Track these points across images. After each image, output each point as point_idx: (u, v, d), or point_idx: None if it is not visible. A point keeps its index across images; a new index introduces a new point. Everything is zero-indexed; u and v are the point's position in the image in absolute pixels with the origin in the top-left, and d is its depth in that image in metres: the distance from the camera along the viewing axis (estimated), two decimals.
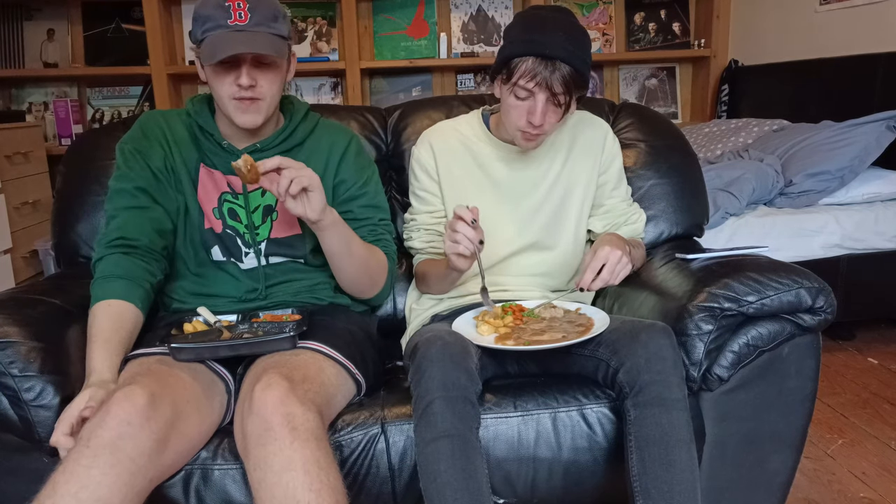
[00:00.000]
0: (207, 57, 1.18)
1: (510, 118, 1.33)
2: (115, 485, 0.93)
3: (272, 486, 0.95)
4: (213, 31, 1.19)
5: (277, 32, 1.22)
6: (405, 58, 3.45)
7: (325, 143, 1.38)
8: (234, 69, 1.20)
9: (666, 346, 1.14)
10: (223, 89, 1.23)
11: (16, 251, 2.71)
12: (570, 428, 1.19)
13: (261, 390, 1.00)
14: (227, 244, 1.33)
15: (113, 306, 1.17)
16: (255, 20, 1.19)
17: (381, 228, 1.41)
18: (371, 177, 1.42)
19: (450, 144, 1.47)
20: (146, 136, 1.33)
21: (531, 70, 1.24)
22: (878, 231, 2.34)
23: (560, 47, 1.23)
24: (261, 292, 1.33)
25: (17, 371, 1.11)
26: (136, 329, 1.19)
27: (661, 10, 3.61)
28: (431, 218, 1.48)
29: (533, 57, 1.24)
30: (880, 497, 1.61)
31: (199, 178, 1.33)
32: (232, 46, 1.16)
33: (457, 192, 1.45)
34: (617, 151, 1.51)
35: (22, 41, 3.30)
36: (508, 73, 1.28)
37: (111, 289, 1.18)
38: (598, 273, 1.25)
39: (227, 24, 1.18)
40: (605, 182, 1.49)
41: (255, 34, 1.18)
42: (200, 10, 1.21)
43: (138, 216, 1.26)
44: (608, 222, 1.50)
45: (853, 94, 2.64)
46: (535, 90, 1.26)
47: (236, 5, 1.18)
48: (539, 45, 1.23)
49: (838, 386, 2.19)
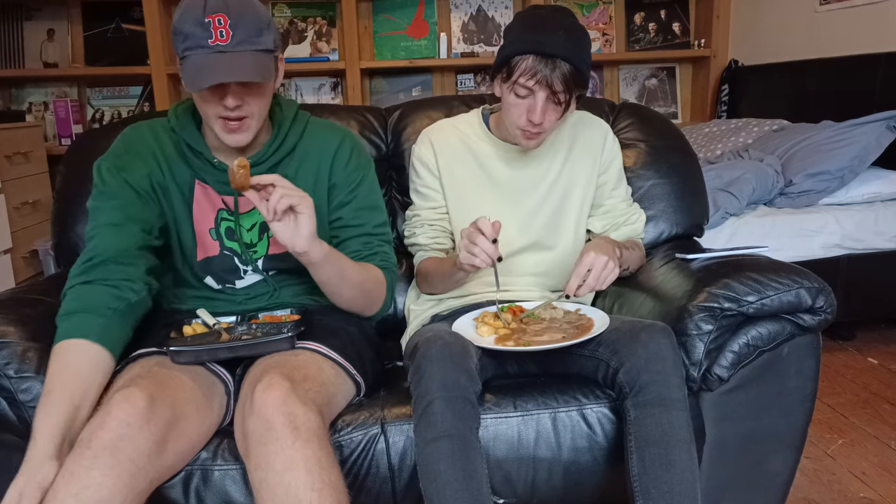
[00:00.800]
0: (189, 83, 1.10)
1: (510, 117, 1.33)
2: (116, 486, 0.93)
3: (274, 485, 0.95)
4: (194, 50, 1.10)
5: (263, 47, 1.13)
6: (405, 58, 3.45)
7: (315, 146, 1.33)
8: (219, 90, 1.13)
9: (666, 346, 1.14)
10: (209, 109, 1.16)
11: (16, 251, 2.71)
12: (569, 428, 1.19)
13: (262, 390, 1.00)
14: (223, 270, 1.30)
15: (60, 350, 1.08)
16: (237, 38, 1.10)
17: (376, 240, 1.35)
18: (365, 177, 1.36)
19: (450, 143, 1.47)
20: (127, 151, 1.26)
21: (531, 68, 1.24)
22: (878, 231, 2.34)
23: (560, 45, 1.23)
24: (270, 295, 1.32)
25: (12, 372, 1.11)
26: (92, 363, 1.08)
27: (661, 10, 3.61)
28: (435, 213, 1.48)
29: (533, 55, 1.24)
30: (880, 497, 1.61)
31: (195, 197, 1.28)
32: (214, 73, 1.08)
33: (457, 190, 1.45)
34: (617, 151, 1.51)
35: (22, 41, 3.30)
36: (508, 72, 1.28)
37: (63, 329, 1.10)
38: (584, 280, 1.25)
39: (208, 44, 1.09)
40: (605, 182, 1.49)
41: (239, 56, 1.10)
42: (179, 25, 1.11)
43: (115, 233, 1.19)
44: (608, 222, 1.50)
45: (853, 94, 2.64)
46: (535, 88, 1.26)
47: (217, 22, 1.08)
48: (539, 43, 1.23)
49: (838, 386, 2.19)
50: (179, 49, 1.13)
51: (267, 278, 1.32)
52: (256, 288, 1.32)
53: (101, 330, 1.09)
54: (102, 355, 1.09)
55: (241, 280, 1.32)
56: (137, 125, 1.31)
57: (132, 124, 1.32)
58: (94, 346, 1.08)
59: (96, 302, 1.12)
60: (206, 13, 1.08)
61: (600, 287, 1.25)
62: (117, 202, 1.21)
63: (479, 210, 1.42)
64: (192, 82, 1.10)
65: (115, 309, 1.12)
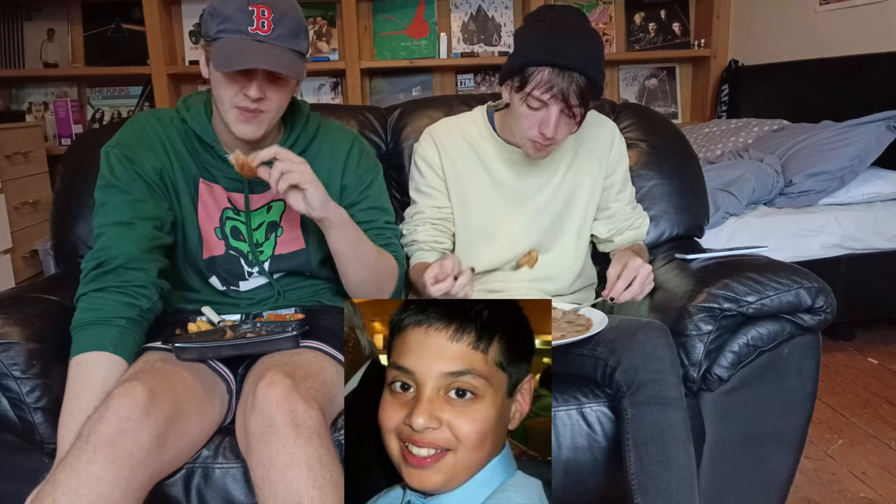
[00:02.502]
0: (221, 63, 1.09)
1: (521, 127, 1.30)
2: (115, 480, 0.93)
3: (275, 482, 0.95)
4: (231, 34, 1.10)
5: (299, 49, 1.14)
6: (405, 58, 3.45)
7: (327, 148, 1.33)
8: (244, 78, 1.13)
9: (662, 345, 1.14)
10: (228, 95, 1.15)
11: (16, 251, 2.71)
12: (569, 427, 1.19)
13: (264, 388, 1.00)
14: (227, 271, 1.29)
15: (80, 365, 1.08)
16: (277, 32, 1.11)
17: (387, 231, 1.37)
18: (374, 179, 1.37)
19: (454, 141, 1.44)
20: (138, 140, 1.23)
21: (547, 81, 1.20)
22: (878, 231, 2.34)
23: (577, 57, 1.19)
24: (275, 299, 1.32)
25: (18, 372, 1.11)
26: (110, 374, 1.08)
27: (661, 10, 3.61)
28: (439, 213, 1.46)
29: (549, 67, 1.19)
30: (880, 497, 1.61)
31: (199, 195, 1.26)
32: (250, 58, 1.08)
33: (460, 190, 1.44)
34: (624, 152, 1.49)
35: (22, 41, 3.30)
36: (522, 82, 1.23)
37: (80, 342, 1.10)
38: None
39: (248, 31, 1.09)
40: (612, 185, 1.48)
41: (276, 48, 1.11)
42: (221, 7, 1.11)
43: (125, 234, 1.16)
44: (612, 227, 1.49)
45: (853, 94, 2.64)
46: (549, 101, 1.22)
47: (260, 13, 1.09)
48: (556, 54, 1.19)
49: (838, 386, 2.19)
50: (213, 29, 1.12)
51: (272, 281, 1.32)
52: (260, 292, 1.32)
53: (117, 340, 1.10)
54: (120, 365, 1.10)
55: (245, 282, 1.31)
56: (144, 114, 1.29)
57: (138, 113, 1.30)
58: (111, 357, 1.09)
59: (110, 312, 1.12)
60: (251, 1, 1.09)
61: (639, 297, 1.25)
62: (128, 198, 1.19)
63: (482, 211, 1.42)
64: (226, 62, 1.08)
65: (128, 318, 1.13)
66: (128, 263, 1.15)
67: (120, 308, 1.13)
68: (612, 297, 1.26)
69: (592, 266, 1.54)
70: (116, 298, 1.13)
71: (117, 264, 1.14)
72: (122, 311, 1.12)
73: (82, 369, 1.08)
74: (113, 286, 1.14)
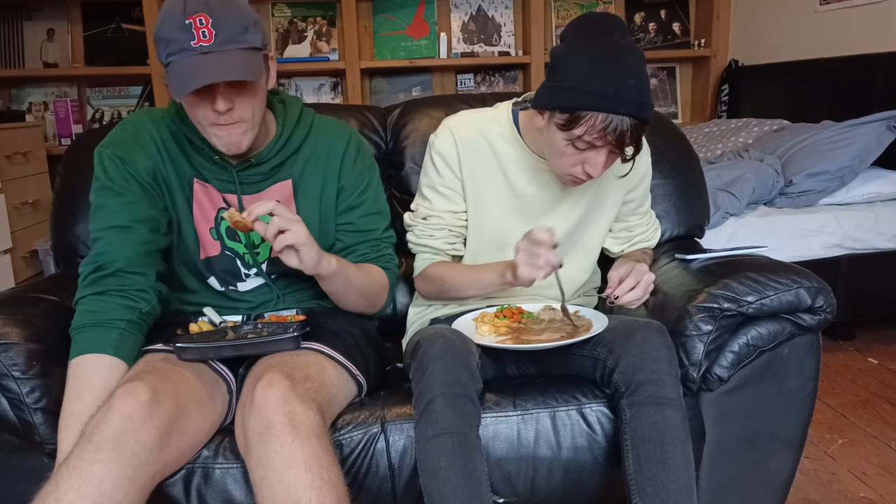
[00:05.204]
0: (175, 89, 1.05)
1: (560, 163, 1.21)
2: (118, 479, 0.93)
3: (274, 483, 0.95)
4: (177, 55, 1.05)
5: (249, 45, 1.08)
6: (405, 58, 3.45)
7: (322, 146, 1.30)
8: (207, 94, 1.08)
9: (660, 346, 1.14)
10: (201, 116, 1.12)
11: (16, 251, 2.71)
12: (569, 427, 1.19)
13: (262, 389, 1.00)
14: (225, 271, 1.29)
15: (79, 367, 1.09)
16: (221, 38, 1.05)
17: (383, 242, 1.35)
18: (371, 179, 1.34)
19: (474, 139, 1.34)
20: (130, 141, 1.21)
21: (601, 128, 1.11)
22: (878, 231, 2.34)
23: (633, 102, 1.09)
24: (275, 303, 1.32)
25: (18, 373, 1.11)
26: (110, 377, 1.08)
27: (661, 10, 3.61)
28: (457, 219, 1.37)
29: (604, 114, 1.10)
30: (880, 497, 1.61)
31: (195, 195, 1.25)
32: (198, 76, 1.03)
33: (475, 194, 1.35)
34: (649, 167, 1.43)
35: (22, 41, 3.30)
36: (569, 123, 1.13)
37: (79, 344, 1.10)
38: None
39: (191, 46, 1.04)
40: (633, 199, 1.43)
41: (225, 55, 1.05)
42: (160, 32, 1.06)
43: (123, 238, 1.16)
44: (625, 239, 1.48)
45: (853, 94, 2.64)
46: (599, 144, 1.14)
47: (198, 22, 1.03)
48: (611, 100, 1.09)
49: (838, 386, 2.19)
50: (163, 57, 1.08)
51: (270, 283, 1.32)
52: (260, 294, 1.32)
53: (117, 343, 1.11)
54: (120, 367, 1.10)
55: (243, 283, 1.31)
56: (137, 113, 1.27)
57: (132, 113, 1.29)
58: (111, 359, 1.10)
59: (110, 315, 1.12)
60: (186, 15, 1.04)
61: (639, 302, 1.26)
62: (123, 200, 1.18)
63: (495, 219, 1.37)
64: (178, 88, 1.05)
65: (128, 321, 1.13)
66: (126, 267, 1.15)
67: (120, 311, 1.13)
68: (615, 296, 1.25)
69: (598, 271, 1.53)
70: (116, 301, 1.14)
71: (116, 268, 1.15)
72: (121, 314, 1.13)
73: (82, 371, 1.08)
74: (112, 289, 1.14)
